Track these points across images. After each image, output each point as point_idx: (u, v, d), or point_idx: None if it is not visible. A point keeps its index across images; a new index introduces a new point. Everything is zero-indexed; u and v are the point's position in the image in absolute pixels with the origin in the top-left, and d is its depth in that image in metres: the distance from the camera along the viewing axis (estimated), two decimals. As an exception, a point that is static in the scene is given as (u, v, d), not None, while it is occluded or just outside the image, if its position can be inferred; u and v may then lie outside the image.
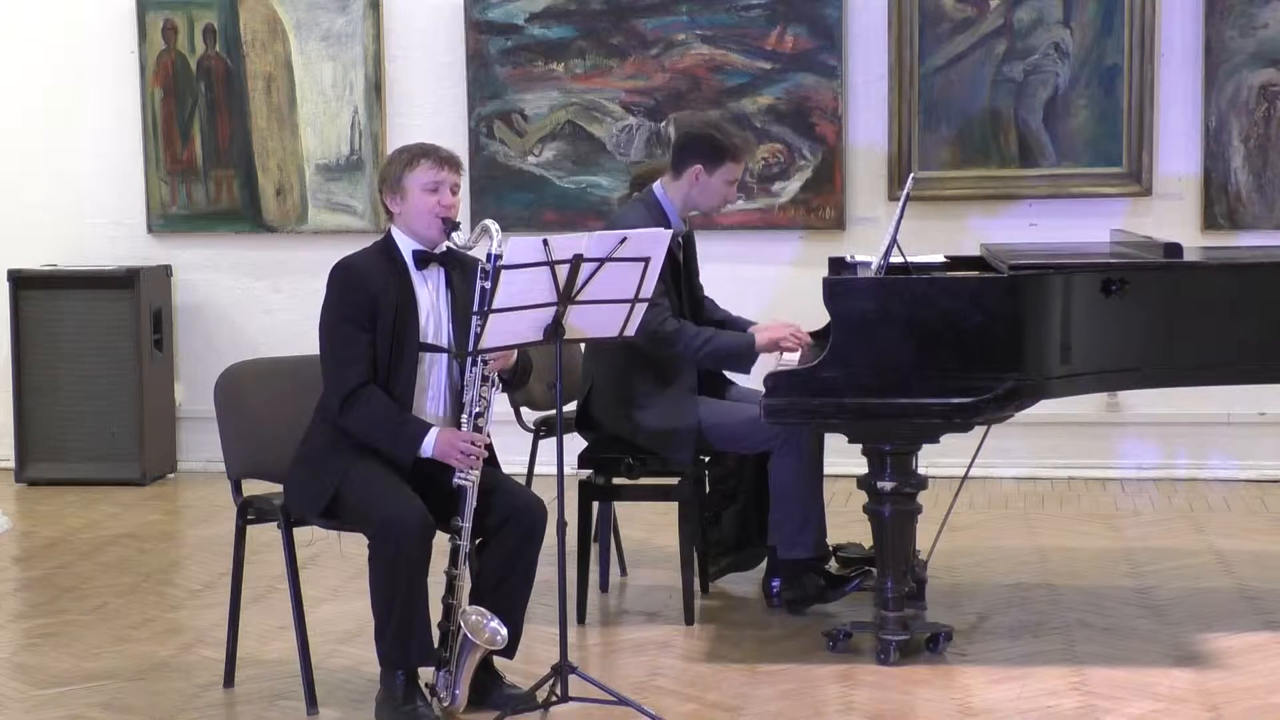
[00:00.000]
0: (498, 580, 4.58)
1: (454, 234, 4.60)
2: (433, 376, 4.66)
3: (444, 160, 4.68)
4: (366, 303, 4.56)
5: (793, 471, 5.35)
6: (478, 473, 4.50)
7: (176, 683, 4.99)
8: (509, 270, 4.32)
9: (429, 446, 4.52)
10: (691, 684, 4.88)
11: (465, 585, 4.55)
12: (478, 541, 4.59)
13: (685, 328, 5.37)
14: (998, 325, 4.87)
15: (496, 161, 7.89)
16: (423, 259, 4.65)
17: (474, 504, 4.49)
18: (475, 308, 4.45)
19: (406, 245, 4.67)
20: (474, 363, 4.53)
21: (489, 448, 4.58)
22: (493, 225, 4.48)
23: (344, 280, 4.61)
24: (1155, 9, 7.43)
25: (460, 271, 4.68)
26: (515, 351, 4.61)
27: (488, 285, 4.39)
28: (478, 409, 4.55)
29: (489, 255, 4.43)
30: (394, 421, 4.54)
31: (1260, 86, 7.43)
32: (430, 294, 4.66)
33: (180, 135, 8.12)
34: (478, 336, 4.42)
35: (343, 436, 4.57)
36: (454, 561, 4.50)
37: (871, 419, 4.90)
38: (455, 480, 4.49)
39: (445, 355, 4.64)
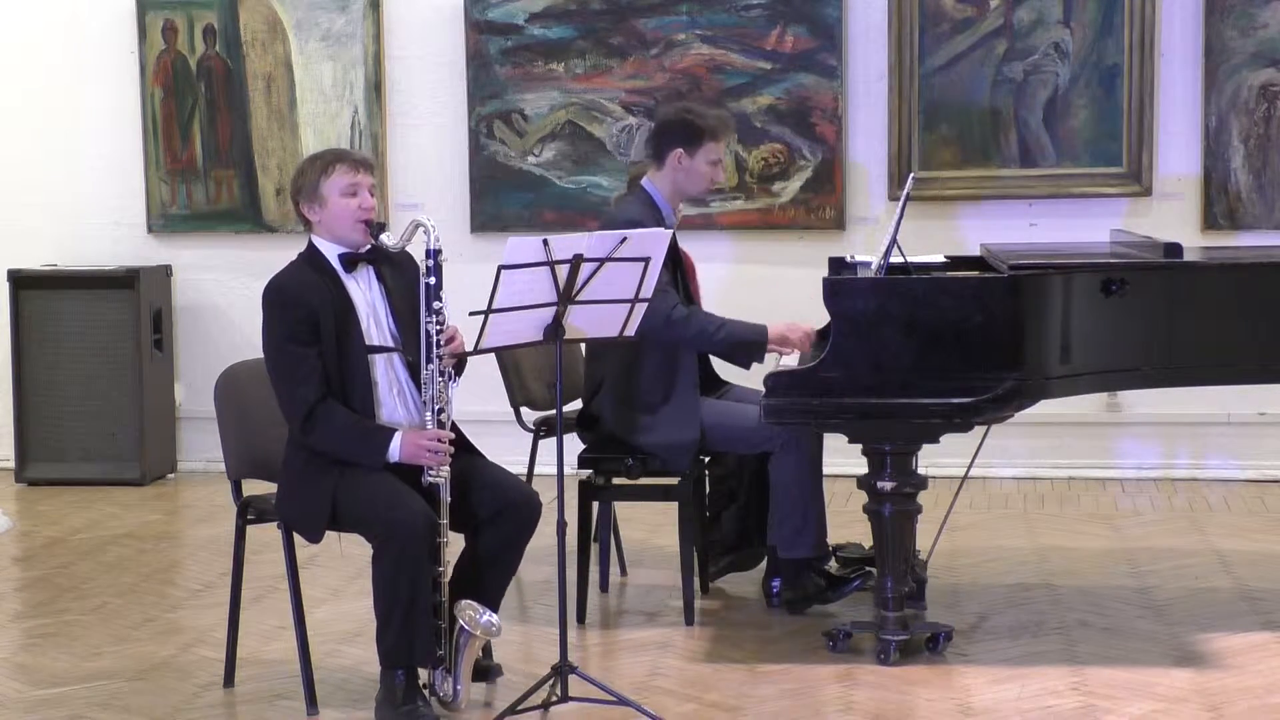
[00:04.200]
0: (481, 567, 4.58)
1: (382, 235, 4.60)
2: (391, 377, 4.65)
3: (358, 163, 4.68)
4: (306, 317, 4.54)
5: (792, 472, 5.35)
6: (447, 469, 4.51)
7: (176, 683, 4.99)
8: (509, 270, 4.32)
9: (395, 451, 4.51)
10: (691, 684, 4.88)
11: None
12: (472, 528, 4.60)
13: (697, 313, 5.37)
14: (998, 325, 4.87)
15: (496, 161, 7.89)
16: (350, 261, 4.65)
17: (449, 499, 4.50)
18: (424, 305, 4.48)
19: (331, 251, 4.66)
20: (429, 360, 4.53)
21: (461, 436, 4.60)
22: (426, 220, 4.51)
23: (278, 300, 4.59)
24: (1155, 9, 7.43)
25: (390, 267, 4.68)
26: (462, 340, 4.60)
27: (432, 281, 4.45)
28: (439, 405, 4.55)
29: (428, 251, 4.46)
30: (357, 433, 4.53)
31: (1260, 86, 7.43)
32: (365, 294, 4.65)
33: (180, 135, 8.13)
34: (431, 334, 4.45)
35: (319, 453, 4.58)
36: (436, 559, 4.50)
37: (871, 419, 4.90)
38: (425, 479, 4.50)
39: (398, 353, 4.64)
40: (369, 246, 4.63)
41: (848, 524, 6.18)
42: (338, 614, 5.59)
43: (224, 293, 8.21)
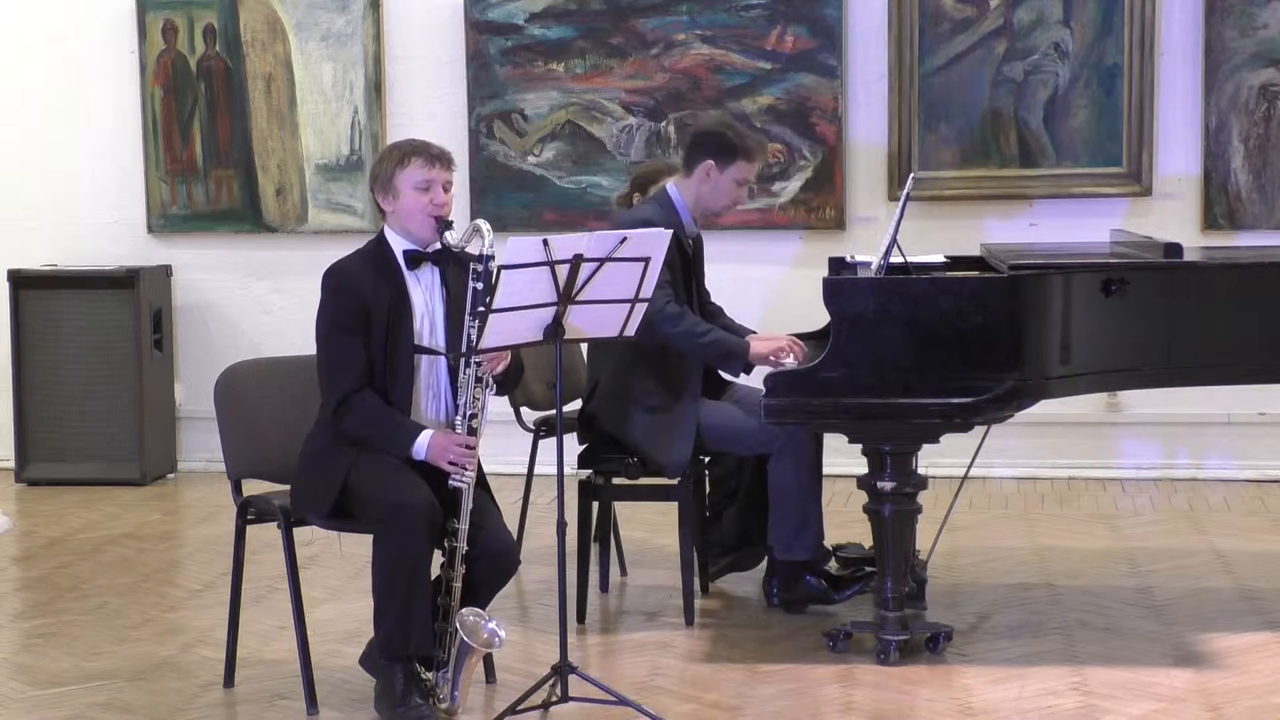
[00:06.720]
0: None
1: (446, 233, 4.57)
2: (432, 378, 4.64)
3: (435, 158, 4.65)
4: (358, 307, 4.54)
5: (791, 474, 5.34)
6: (473, 474, 4.49)
7: (176, 683, 4.99)
8: (509, 270, 4.31)
9: (421, 449, 4.51)
10: (691, 684, 4.88)
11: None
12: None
13: (688, 313, 5.36)
14: (998, 325, 4.87)
15: (496, 161, 7.89)
16: (415, 258, 4.64)
17: (470, 505, 4.48)
18: (469, 309, 4.44)
19: (399, 245, 4.65)
20: (467, 364, 4.51)
21: (479, 469, 4.57)
22: (484, 225, 4.48)
23: (335, 285, 4.59)
24: (1155, 9, 7.43)
25: (456, 269, 4.65)
26: (509, 353, 4.60)
27: (479, 286, 4.40)
28: (472, 411, 4.53)
29: (480, 256, 4.43)
30: (387, 425, 4.53)
31: (1260, 86, 7.42)
32: (424, 294, 4.64)
33: (180, 135, 8.12)
34: (472, 338, 4.42)
35: (343, 436, 4.57)
36: (450, 563, 4.49)
37: (871, 419, 4.90)
38: (451, 482, 4.48)
39: (444, 357, 4.63)
40: (437, 246, 4.61)
41: (848, 524, 6.17)
42: (338, 614, 5.59)
43: (224, 293, 8.20)
